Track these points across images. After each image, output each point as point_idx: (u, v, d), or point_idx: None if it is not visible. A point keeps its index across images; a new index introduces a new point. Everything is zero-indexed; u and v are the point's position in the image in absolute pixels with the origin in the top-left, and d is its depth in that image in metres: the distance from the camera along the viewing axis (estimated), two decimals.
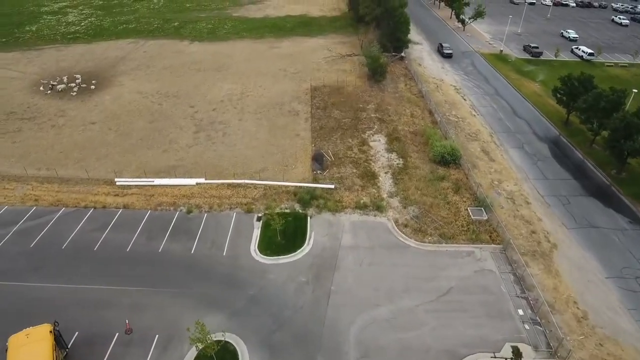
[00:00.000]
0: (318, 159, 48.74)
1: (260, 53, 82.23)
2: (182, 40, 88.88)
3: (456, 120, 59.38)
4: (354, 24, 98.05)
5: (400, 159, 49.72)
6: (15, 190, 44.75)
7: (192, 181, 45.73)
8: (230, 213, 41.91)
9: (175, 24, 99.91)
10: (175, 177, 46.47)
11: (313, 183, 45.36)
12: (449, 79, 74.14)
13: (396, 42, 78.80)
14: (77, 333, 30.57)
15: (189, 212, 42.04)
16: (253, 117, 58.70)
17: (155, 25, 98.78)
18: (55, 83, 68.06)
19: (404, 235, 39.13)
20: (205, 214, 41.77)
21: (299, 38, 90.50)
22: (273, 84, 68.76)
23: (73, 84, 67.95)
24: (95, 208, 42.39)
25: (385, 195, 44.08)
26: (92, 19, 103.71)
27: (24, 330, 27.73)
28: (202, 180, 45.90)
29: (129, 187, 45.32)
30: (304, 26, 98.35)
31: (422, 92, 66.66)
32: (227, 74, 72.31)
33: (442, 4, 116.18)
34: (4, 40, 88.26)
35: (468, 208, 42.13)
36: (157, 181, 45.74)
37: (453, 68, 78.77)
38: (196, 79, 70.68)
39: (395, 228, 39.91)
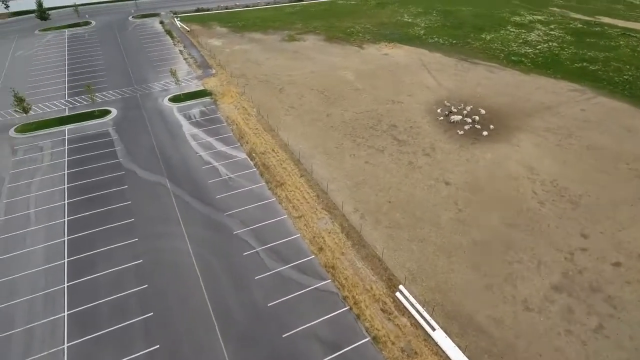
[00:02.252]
0: None
1: None
2: None
3: None
4: None
5: None
6: (319, 222, 40.19)
7: None
8: None
9: None
10: (465, 348, 28.82)
11: None
12: None
13: None
14: None
15: None
16: None
17: (626, 77, 71.52)
18: (454, 110, 59.35)
19: None
20: None
21: None
22: None
23: (469, 119, 57.09)
24: (350, 309, 31.87)
25: None
26: (554, 43, 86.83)
27: None
28: None
29: (404, 310, 31.74)
30: None
31: None
32: None
33: None
34: (454, 42, 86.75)
35: None
36: (437, 334, 29.69)
37: None
38: (634, 187, 44.51)
39: None
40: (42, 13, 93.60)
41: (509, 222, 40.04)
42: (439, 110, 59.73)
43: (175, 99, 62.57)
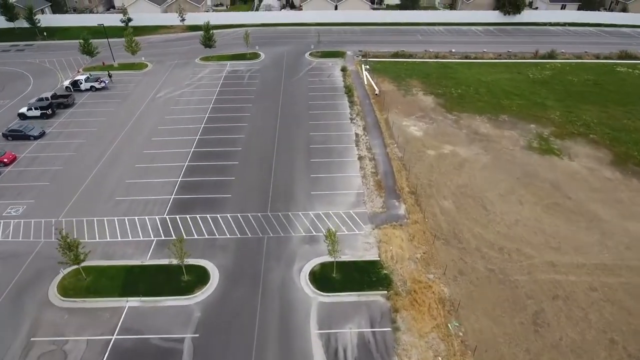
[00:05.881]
0: None
1: None
2: None
3: None
4: None
5: None
6: None
7: None
8: None
9: None
10: None
11: None
12: None
13: None
14: None
15: None
16: None
17: None
18: None
19: None
20: None
21: None
22: None
23: None
24: None
25: None
26: None
27: None
28: None
29: None
30: None
31: None
32: None
33: None
34: None
35: None
36: None
37: None
38: None
39: None
40: (207, 40, 75.43)
41: None
42: None
43: (323, 275, 33.22)
